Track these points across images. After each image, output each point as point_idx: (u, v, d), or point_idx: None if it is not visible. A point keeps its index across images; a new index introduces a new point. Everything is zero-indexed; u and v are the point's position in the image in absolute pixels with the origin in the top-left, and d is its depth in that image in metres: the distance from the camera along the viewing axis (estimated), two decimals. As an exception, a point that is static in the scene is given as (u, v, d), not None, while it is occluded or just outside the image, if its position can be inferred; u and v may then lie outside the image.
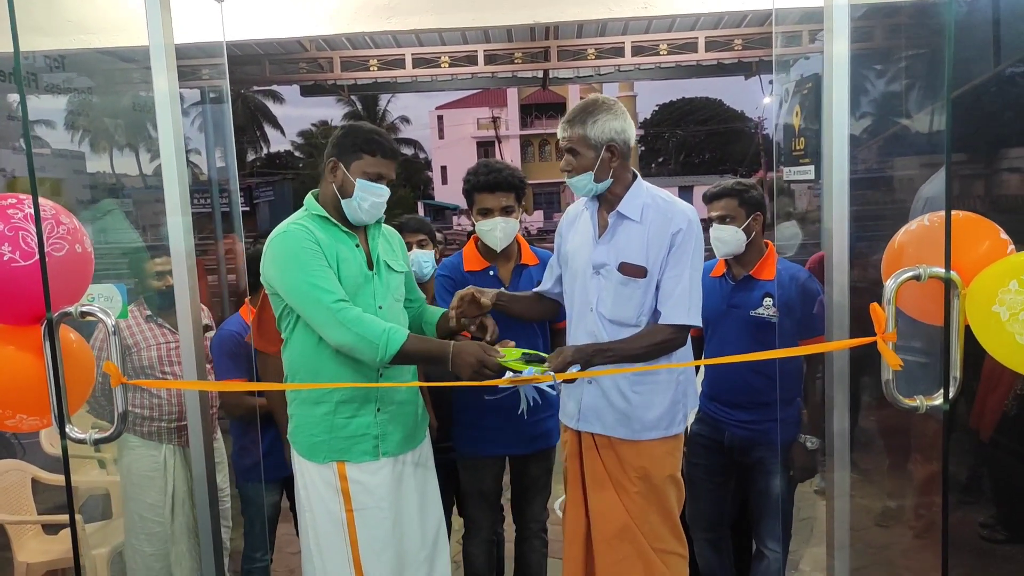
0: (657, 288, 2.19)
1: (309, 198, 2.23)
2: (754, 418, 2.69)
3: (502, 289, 2.51)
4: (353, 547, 2.13)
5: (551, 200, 36.62)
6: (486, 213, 2.62)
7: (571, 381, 2.17)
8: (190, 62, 5.53)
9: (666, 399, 2.24)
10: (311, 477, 2.18)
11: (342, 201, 2.16)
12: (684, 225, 2.17)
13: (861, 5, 2.49)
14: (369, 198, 2.13)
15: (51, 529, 3.46)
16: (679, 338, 2.20)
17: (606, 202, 2.28)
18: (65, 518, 3.43)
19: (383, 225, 2.34)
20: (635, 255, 2.19)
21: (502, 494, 2.88)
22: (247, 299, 3.04)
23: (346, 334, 2.00)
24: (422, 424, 2.34)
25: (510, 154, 35.48)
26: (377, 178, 2.15)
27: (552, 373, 1.89)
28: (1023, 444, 3.20)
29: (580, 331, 2.28)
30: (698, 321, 2.20)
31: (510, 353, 2.05)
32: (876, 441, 3.51)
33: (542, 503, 2.89)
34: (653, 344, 2.17)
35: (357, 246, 2.19)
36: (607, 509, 2.25)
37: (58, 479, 3.67)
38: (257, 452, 2.89)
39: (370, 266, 2.20)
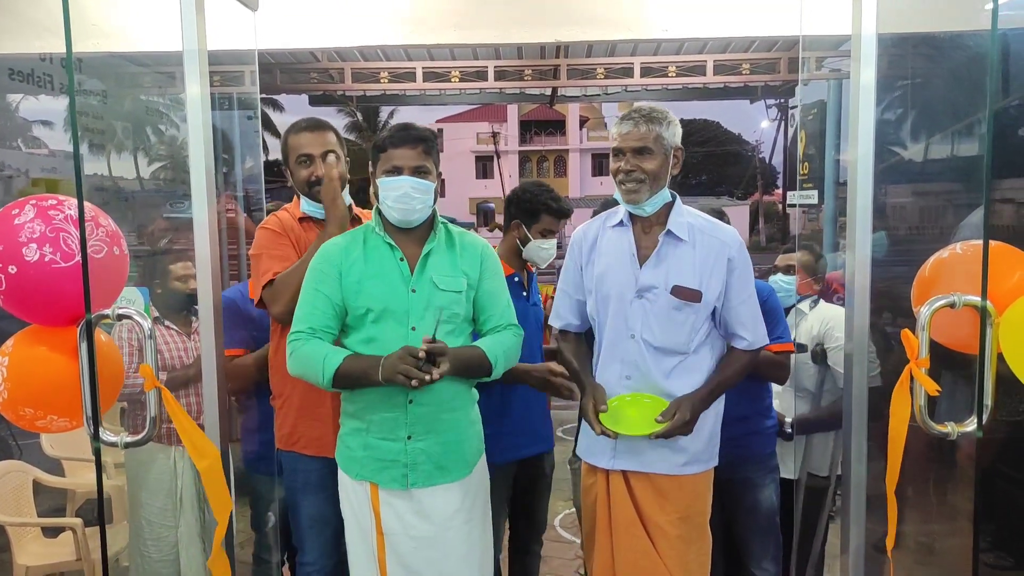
0: (714, 314, 2.09)
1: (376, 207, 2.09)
2: (737, 433, 2.59)
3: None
4: (382, 569, 2.02)
5: (548, 217, 36.61)
6: (546, 234, 2.60)
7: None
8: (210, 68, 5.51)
9: (707, 427, 2.12)
10: (347, 486, 2.09)
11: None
12: (737, 247, 2.08)
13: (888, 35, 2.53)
14: (391, 194, 1.98)
15: (50, 532, 3.42)
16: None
17: (643, 220, 2.10)
18: (66, 521, 3.40)
19: (462, 235, 2.13)
20: (688, 278, 2.04)
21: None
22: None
23: (294, 365, 1.97)
24: (468, 457, 2.10)
25: (508, 170, 35.55)
26: (394, 171, 1.96)
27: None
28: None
29: (614, 359, 2.11)
30: (767, 340, 2.16)
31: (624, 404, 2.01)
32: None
33: (545, 508, 2.83)
34: (746, 371, 2.12)
35: (401, 259, 2.02)
36: (638, 558, 2.06)
37: (59, 481, 3.63)
38: (269, 435, 2.74)
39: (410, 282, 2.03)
